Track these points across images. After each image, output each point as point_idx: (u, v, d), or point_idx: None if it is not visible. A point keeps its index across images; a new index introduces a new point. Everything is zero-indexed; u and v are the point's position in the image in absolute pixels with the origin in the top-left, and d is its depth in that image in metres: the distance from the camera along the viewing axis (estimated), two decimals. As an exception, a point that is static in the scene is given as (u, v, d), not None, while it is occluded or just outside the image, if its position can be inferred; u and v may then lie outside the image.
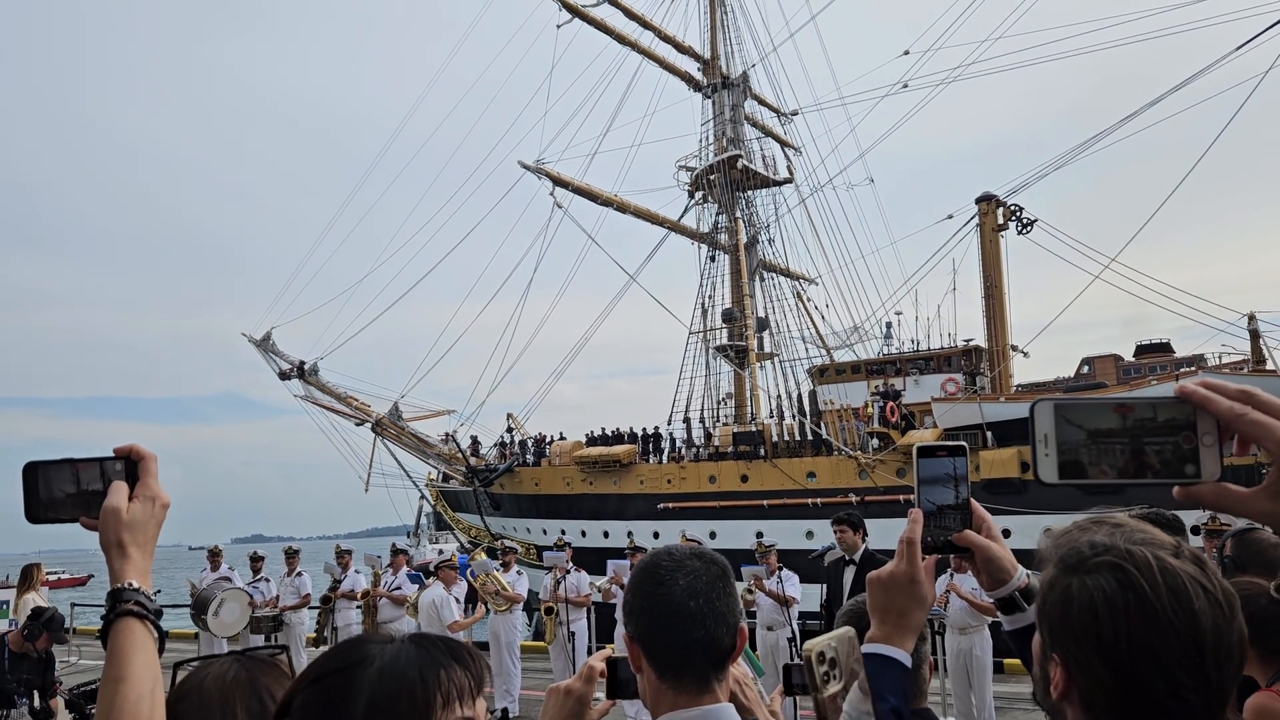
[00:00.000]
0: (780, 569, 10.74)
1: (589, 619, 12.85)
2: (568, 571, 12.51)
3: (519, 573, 12.91)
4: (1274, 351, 23.07)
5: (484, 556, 13.72)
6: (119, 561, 1.49)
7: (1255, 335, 23.39)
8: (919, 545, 1.62)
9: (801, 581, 10.98)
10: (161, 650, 1.47)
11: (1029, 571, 1.48)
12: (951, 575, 9.50)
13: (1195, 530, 7.87)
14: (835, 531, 8.11)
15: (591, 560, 16.39)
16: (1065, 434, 1.20)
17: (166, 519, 1.59)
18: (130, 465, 1.56)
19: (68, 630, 17.23)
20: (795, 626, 10.68)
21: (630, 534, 29.49)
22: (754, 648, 11.01)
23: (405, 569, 13.33)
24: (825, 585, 8.36)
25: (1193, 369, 24.18)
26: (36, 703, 7.04)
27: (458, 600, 11.95)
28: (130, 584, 1.47)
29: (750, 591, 10.87)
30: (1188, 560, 1.19)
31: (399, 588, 12.94)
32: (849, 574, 7.95)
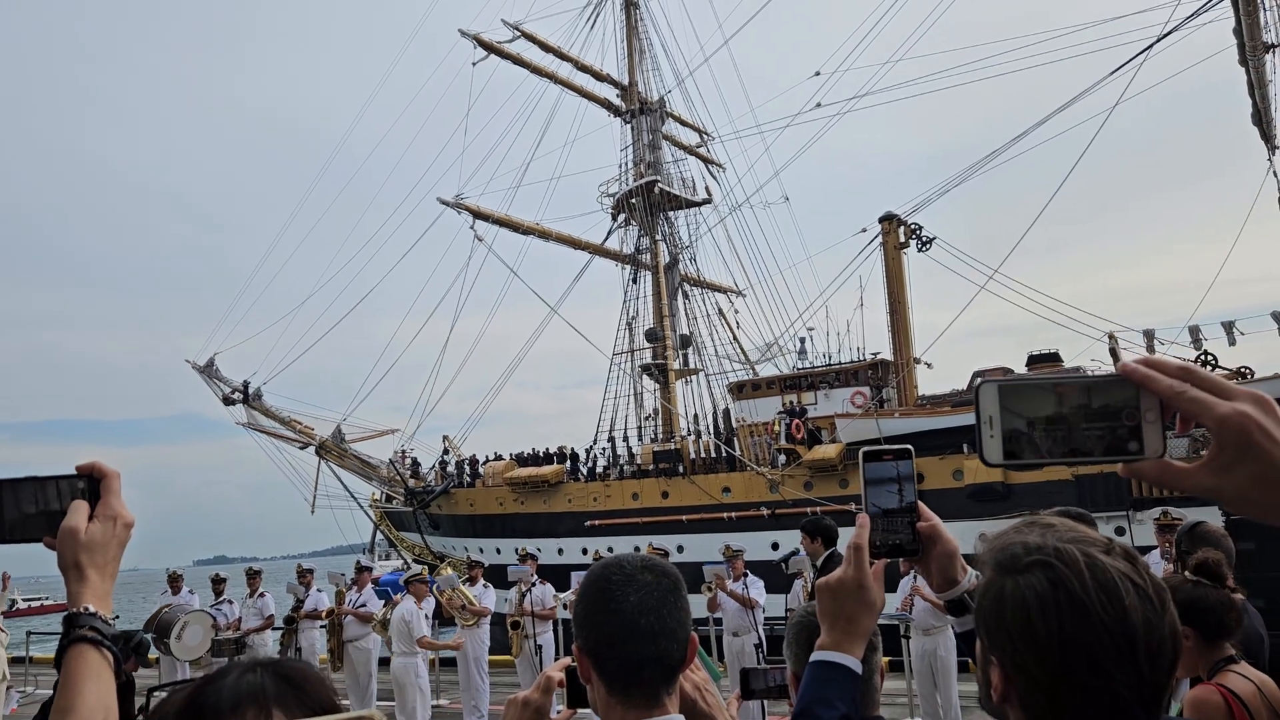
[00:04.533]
0: (746, 574, 11.12)
1: (555, 632, 12.99)
2: (533, 584, 12.69)
3: (485, 586, 12.97)
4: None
5: (450, 571, 13.97)
6: (76, 584, 1.43)
7: (1114, 355, 25.17)
8: (867, 550, 1.61)
9: (768, 591, 11.21)
10: (119, 678, 1.42)
11: (977, 574, 1.43)
12: (916, 577, 9.34)
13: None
14: (802, 540, 8.07)
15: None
16: (1009, 415, 1.18)
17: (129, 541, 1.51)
18: (92, 483, 1.49)
19: (27, 660, 17.40)
20: (761, 632, 10.93)
21: (561, 550, 30.71)
22: (721, 655, 11.52)
23: (370, 586, 13.20)
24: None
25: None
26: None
27: (428, 616, 12.03)
28: (87, 608, 1.41)
29: (710, 588, 11.19)
30: (1119, 557, 1.20)
31: (364, 605, 12.83)
32: None
